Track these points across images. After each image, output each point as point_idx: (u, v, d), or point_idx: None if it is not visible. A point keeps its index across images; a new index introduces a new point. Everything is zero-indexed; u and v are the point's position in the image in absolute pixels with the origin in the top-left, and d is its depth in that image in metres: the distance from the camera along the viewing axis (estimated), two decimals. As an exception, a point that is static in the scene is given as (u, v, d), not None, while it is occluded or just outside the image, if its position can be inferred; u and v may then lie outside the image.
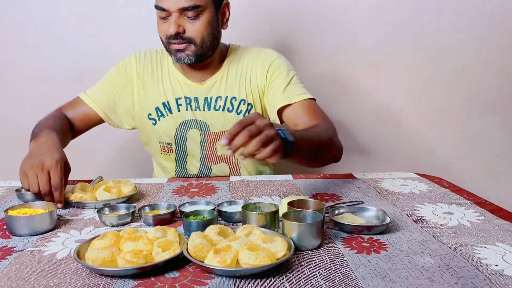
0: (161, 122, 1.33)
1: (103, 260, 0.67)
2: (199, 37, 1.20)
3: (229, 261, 0.65)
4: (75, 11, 1.78)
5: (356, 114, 1.92)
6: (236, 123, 0.81)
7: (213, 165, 1.36)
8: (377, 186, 1.16)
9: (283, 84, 1.28)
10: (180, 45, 1.20)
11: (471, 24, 1.84)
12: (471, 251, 0.73)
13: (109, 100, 1.33)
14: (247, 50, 1.37)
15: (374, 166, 1.90)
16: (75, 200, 1.00)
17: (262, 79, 1.31)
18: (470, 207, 0.97)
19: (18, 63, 1.81)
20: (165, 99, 1.32)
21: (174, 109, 1.32)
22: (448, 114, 1.93)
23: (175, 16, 1.17)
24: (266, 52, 1.34)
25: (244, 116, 1.30)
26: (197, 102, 1.32)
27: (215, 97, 1.32)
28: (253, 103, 1.32)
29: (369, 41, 1.85)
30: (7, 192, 1.14)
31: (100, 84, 1.35)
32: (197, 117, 1.32)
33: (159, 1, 1.19)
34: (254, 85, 1.32)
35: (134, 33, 1.79)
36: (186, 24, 1.19)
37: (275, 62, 1.31)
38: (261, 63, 1.32)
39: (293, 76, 1.30)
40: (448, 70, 1.88)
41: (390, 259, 0.71)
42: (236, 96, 1.32)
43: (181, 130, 1.33)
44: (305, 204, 0.87)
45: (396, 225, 0.86)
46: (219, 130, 1.33)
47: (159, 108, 1.32)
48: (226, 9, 1.29)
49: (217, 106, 1.32)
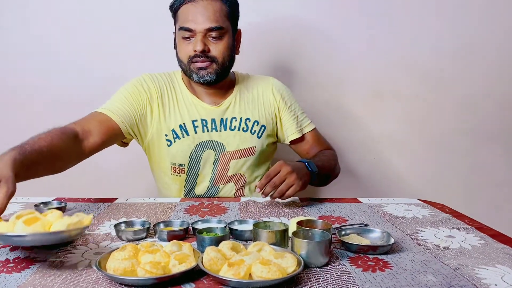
0: (177, 143, 1.37)
1: (124, 270, 0.71)
2: (221, 56, 1.30)
3: (242, 274, 0.69)
4: (85, 36, 1.86)
5: (360, 141, 1.97)
6: (265, 175, 1.14)
7: (221, 185, 1.41)
8: (381, 210, 1.20)
9: (294, 116, 1.47)
10: (204, 63, 1.29)
11: (474, 54, 1.92)
12: (471, 272, 0.77)
13: (129, 113, 1.31)
14: (253, 77, 1.50)
15: (378, 192, 1.95)
16: None
17: (274, 105, 1.46)
18: (471, 231, 1.01)
19: (32, 86, 1.88)
20: (182, 122, 1.37)
21: (191, 131, 1.37)
22: (450, 143, 1.98)
23: (200, 35, 1.27)
24: (273, 81, 1.49)
25: (258, 136, 1.43)
26: (214, 123, 1.38)
27: (230, 118, 1.40)
28: (266, 124, 1.44)
29: (373, 70, 1.92)
30: (26, 207, 1.19)
31: (117, 99, 1.32)
32: (213, 137, 1.38)
33: (185, 22, 1.28)
34: (268, 109, 1.45)
35: (143, 57, 1.86)
36: (210, 44, 1.29)
37: (285, 92, 1.48)
38: (271, 91, 1.46)
39: (298, 106, 1.50)
40: (451, 100, 1.95)
41: (394, 276, 0.75)
42: (250, 118, 1.42)
43: (197, 151, 1.38)
44: (313, 224, 0.91)
45: (400, 246, 0.90)
46: (234, 149, 1.39)
47: (175, 130, 1.37)
48: (239, 37, 1.41)
49: (232, 126, 1.40)
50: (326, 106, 1.93)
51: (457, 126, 1.97)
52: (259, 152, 1.42)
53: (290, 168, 1.15)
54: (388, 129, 1.97)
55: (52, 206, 1.12)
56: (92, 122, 1.24)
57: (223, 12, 1.29)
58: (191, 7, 1.28)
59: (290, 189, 1.14)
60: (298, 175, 1.16)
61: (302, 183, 1.17)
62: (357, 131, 1.96)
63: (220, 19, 1.28)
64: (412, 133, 1.97)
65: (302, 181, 1.17)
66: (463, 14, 1.89)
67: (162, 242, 0.90)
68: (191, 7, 1.28)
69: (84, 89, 1.88)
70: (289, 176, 1.14)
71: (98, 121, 1.25)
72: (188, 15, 1.28)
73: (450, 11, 1.89)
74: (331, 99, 1.94)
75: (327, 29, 1.90)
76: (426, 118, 1.96)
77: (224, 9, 1.30)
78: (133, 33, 1.86)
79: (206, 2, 1.27)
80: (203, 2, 1.27)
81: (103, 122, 1.26)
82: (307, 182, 1.21)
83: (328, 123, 1.94)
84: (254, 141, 1.41)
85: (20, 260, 0.81)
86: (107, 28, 1.85)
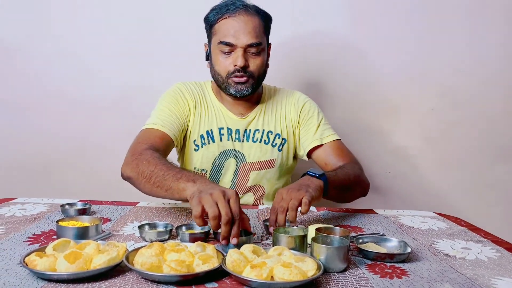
0: (203, 149, 1.40)
1: (151, 265, 0.74)
2: (257, 72, 1.32)
3: (265, 275, 0.72)
4: (113, 43, 1.92)
5: (375, 155, 1.98)
6: (270, 211, 1.03)
7: (240, 195, 1.43)
8: (397, 221, 1.22)
9: (314, 126, 1.44)
10: (243, 78, 1.30)
11: (491, 71, 1.93)
12: (488, 282, 0.79)
13: (177, 124, 1.34)
14: (279, 90, 1.51)
15: (392, 205, 1.95)
16: None
17: (295, 119, 1.45)
18: (487, 244, 1.02)
19: (62, 90, 1.95)
20: (209, 128, 1.40)
21: (217, 138, 1.40)
22: (465, 159, 1.98)
23: (241, 51, 1.27)
24: (297, 95, 1.49)
25: (279, 149, 1.44)
26: (238, 133, 1.41)
27: (253, 130, 1.42)
28: (287, 138, 1.45)
29: (390, 84, 1.94)
30: (51, 208, 1.23)
31: (162, 113, 1.35)
32: (236, 147, 1.41)
33: (226, 37, 1.27)
34: (289, 123, 1.45)
35: (167, 64, 1.91)
36: (249, 60, 1.30)
37: (306, 104, 1.47)
38: (293, 104, 1.46)
39: (322, 118, 1.46)
40: (466, 116, 1.95)
41: (411, 283, 0.77)
42: (272, 130, 1.43)
43: (220, 158, 1.41)
44: (331, 231, 0.94)
45: (416, 255, 0.92)
46: (255, 161, 1.42)
47: (203, 136, 1.40)
48: (269, 50, 1.41)
49: (255, 138, 1.42)
50: (341, 119, 1.95)
51: (473, 142, 1.97)
52: (279, 165, 1.44)
53: (289, 188, 1.05)
54: (404, 143, 1.98)
55: (76, 208, 1.16)
56: (157, 140, 1.27)
57: (261, 27, 1.31)
58: (232, 21, 1.28)
59: (302, 200, 1.00)
60: (302, 186, 1.05)
61: (313, 190, 1.05)
62: (373, 145, 1.98)
63: (259, 34, 1.29)
64: (428, 148, 1.98)
65: (312, 188, 1.06)
66: (481, 30, 1.91)
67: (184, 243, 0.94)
68: (232, 22, 1.28)
69: (107, 94, 1.94)
70: (292, 193, 1.02)
71: (159, 138, 1.28)
72: (229, 30, 1.27)
73: (468, 28, 1.90)
74: (348, 115, 1.96)
75: (345, 45, 1.93)
76: (442, 133, 1.97)
77: (261, 24, 1.31)
78: (158, 43, 1.92)
79: (247, 17, 1.28)
80: (244, 18, 1.27)
81: (160, 137, 1.29)
82: (318, 188, 1.08)
83: (343, 136, 1.96)
84: (274, 154, 1.43)
85: (50, 256, 0.85)
86: (132, 38, 1.91)
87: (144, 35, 1.91)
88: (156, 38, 1.91)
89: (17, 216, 1.14)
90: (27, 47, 1.92)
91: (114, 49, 1.92)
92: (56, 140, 1.96)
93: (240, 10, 1.28)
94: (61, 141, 1.96)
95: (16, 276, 0.75)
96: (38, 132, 1.96)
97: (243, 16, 1.28)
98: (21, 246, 0.90)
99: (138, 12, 1.90)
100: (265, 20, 1.33)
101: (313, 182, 1.08)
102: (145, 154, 1.13)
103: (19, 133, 1.97)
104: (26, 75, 1.94)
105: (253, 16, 1.29)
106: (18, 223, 1.06)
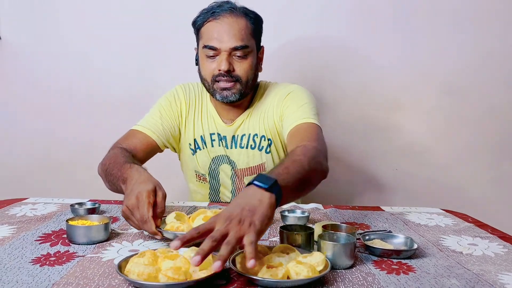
0: (198, 154, 1.41)
1: (148, 275, 0.71)
2: (245, 76, 1.27)
3: (280, 275, 0.72)
4: (120, 44, 1.95)
5: (381, 152, 1.99)
6: (193, 229, 0.78)
7: None
8: (404, 218, 1.22)
9: (292, 113, 1.28)
10: (228, 82, 1.26)
11: (496, 66, 1.92)
12: (495, 277, 0.79)
13: (164, 128, 1.35)
14: (273, 86, 1.41)
15: (399, 202, 1.95)
16: (171, 230, 0.92)
17: (277, 112, 1.34)
18: (494, 240, 1.02)
19: (70, 90, 1.98)
20: (202, 133, 1.40)
21: (209, 144, 1.40)
22: (472, 156, 1.98)
23: (225, 54, 1.23)
24: (282, 87, 1.37)
25: (266, 152, 1.38)
26: (225, 140, 1.39)
27: (241, 135, 1.38)
28: (272, 138, 1.37)
29: (396, 82, 1.94)
30: (61, 207, 1.25)
31: (152, 115, 1.37)
32: (227, 153, 1.40)
33: (210, 41, 1.24)
34: (271, 120, 1.35)
35: (174, 65, 1.92)
36: (235, 63, 1.25)
37: (289, 95, 1.33)
38: (278, 97, 1.35)
39: (304, 104, 1.29)
40: (473, 112, 1.95)
41: (418, 279, 0.77)
42: (257, 133, 1.37)
43: (215, 163, 1.41)
44: (338, 228, 0.94)
45: (423, 252, 0.92)
46: (245, 167, 1.39)
47: (197, 141, 1.40)
48: (262, 54, 1.38)
49: (242, 144, 1.38)
50: (348, 116, 1.95)
51: (480, 138, 1.97)
52: (270, 167, 1.34)
53: (227, 216, 0.77)
54: (411, 140, 1.98)
55: (86, 207, 1.17)
56: (134, 141, 1.30)
57: (248, 30, 1.26)
58: (215, 24, 1.24)
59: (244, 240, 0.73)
60: (245, 214, 0.77)
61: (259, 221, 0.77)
62: (379, 142, 1.98)
63: (245, 37, 1.25)
64: (434, 145, 1.98)
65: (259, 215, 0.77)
66: (485, 26, 1.90)
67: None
68: (216, 25, 1.24)
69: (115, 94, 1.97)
70: (231, 225, 0.75)
71: (138, 139, 1.31)
72: (213, 33, 1.24)
73: (472, 24, 1.90)
74: (355, 112, 1.96)
75: (350, 42, 1.93)
76: (447, 130, 1.97)
77: (249, 26, 1.26)
78: (166, 43, 1.93)
79: (231, 19, 1.24)
80: (228, 20, 1.24)
81: (143, 140, 1.31)
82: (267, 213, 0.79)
83: (350, 134, 1.97)
84: (263, 158, 1.38)
85: (60, 255, 0.87)
86: (140, 39, 1.93)
87: (151, 35, 1.92)
88: (163, 38, 1.92)
89: (28, 215, 1.16)
90: (35, 47, 1.95)
91: (122, 49, 1.95)
92: (65, 140, 1.99)
93: (225, 13, 1.24)
94: (70, 142, 1.99)
95: (28, 274, 0.76)
96: (47, 133, 2.00)
97: (227, 18, 1.24)
98: (32, 245, 0.92)
99: (145, 13, 1.92)
100: (255, 22, 1.28)
101: (262, 203, 0.80)
102: (112, 153, 1.19)
103: (29, 134, 2.00)
104: (34, 76, 1.97)
105: (239, 18, 1.25)
106: (29, 223, 1.08)
